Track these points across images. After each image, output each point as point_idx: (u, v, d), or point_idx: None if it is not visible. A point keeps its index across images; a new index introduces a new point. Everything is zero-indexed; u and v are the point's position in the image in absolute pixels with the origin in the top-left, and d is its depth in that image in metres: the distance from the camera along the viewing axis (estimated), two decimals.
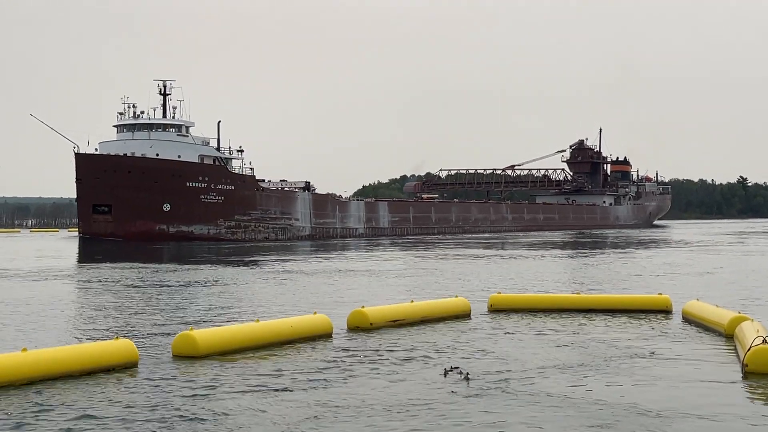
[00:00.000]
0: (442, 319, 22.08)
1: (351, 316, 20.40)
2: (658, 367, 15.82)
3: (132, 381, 14.32)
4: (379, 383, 14.18)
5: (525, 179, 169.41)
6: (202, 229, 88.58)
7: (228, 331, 17.29)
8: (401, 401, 12.79)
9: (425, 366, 15.67)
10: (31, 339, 18.95)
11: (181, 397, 13.13)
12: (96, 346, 15.31)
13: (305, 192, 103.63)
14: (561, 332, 20.24)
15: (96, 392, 13.39)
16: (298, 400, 12.90)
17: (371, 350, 17.44)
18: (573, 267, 47.88)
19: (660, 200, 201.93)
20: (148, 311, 24.80)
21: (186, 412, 12.21)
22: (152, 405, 12.55)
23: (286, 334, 17.91)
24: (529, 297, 25.33)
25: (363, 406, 12.48)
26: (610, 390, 13.69)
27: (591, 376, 14.83)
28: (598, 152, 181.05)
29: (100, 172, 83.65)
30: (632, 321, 22.28)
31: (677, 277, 38.27)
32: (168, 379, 14.45)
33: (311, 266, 46.14)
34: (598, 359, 16.53)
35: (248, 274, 40.23)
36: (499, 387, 13.82)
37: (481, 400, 12.91)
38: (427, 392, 13.41)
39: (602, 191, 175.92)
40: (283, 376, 14.77)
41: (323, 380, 14.38)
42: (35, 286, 33.35)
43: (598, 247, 74.10)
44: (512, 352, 17.32)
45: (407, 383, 14.13)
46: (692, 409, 12.42)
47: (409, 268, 44.61)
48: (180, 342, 16.37)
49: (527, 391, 13.53)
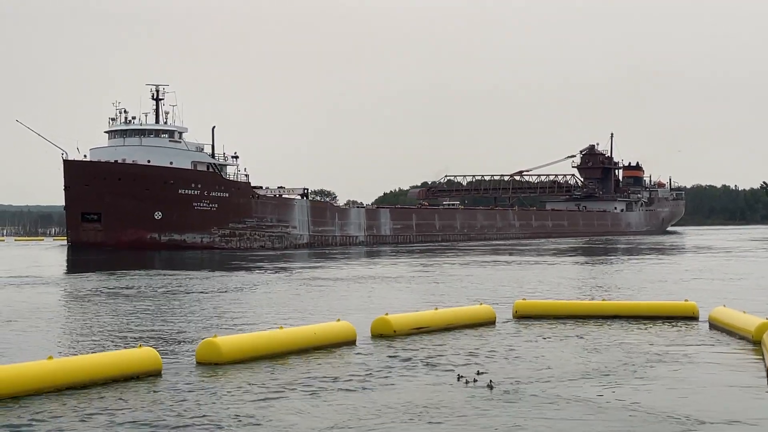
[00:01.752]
0: (466, 326, 22.74)
1: (374, 324, 21.07)
2: (686, 373, 16.43)
3: (158, 389, 14.89)
4: (402, 390, 14.76)
5: (534, 185, 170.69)
6: (195, 237, 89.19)
7: (251, 338, 17.91)
8: (424, 408, 13.34)
9: (448, 373, 16.26)
10: (55, 346, 19.72)
11: (208, 404, 13.68)
12: (120, 354, 15.91)
13: (303, 199, 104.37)
14: (588, 339, 20.85)
15: (122, 400, 13.95)
16: (324, 408, 13.47)
17: (394, 357, 18.05)
18: (594, 273, 48.79)
19: (673, 206, 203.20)
20: (165, 319, 25.62)
21: (213, 419, 12.77)
22: (179, 413, 13.09)
23: (310, 341, 18.54)
24: (554, 303, 26.03)
25: (386, 413, 13.04)
26: (639, 396, 14.24)
27: (619, 383, 15.40)
28: (609, 157, 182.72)
29: (89, 179, 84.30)
30: (659, 327, 22.92)
31: (701, 283, 39.09)
32: (193, 386, 15.02)
33: (328, 273, 47.28)
34: (626, 366, 17.13)
35: (263, 281, 41.07)
36: (524, 394, 14.36)
37: (506, 408, 13.42)
38: (450, 399, 13.95)
39: (613, 197, 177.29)
40: (308, 383, 15.35)
41: (348, 387, 14.97)
42: (48, 293, 33.92)
43: (615, 254, 74.89)
44: (538, 359, 17.93)
45: (430, 390, 14.70)
46: (721, 415, 12.95)
47: (424, 276, 45.32)
48: (204, 349, 16.98)
49: (553, 398, 14.07)
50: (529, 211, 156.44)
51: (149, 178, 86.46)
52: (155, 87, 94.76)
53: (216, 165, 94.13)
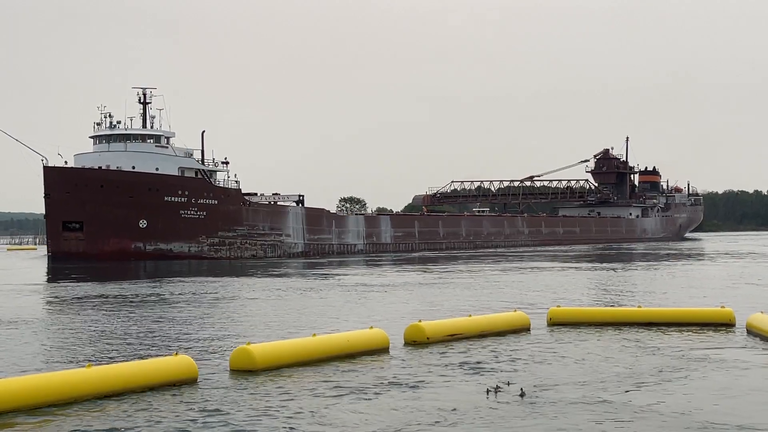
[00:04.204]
0: (500, 333, 23.79)
1: (408, 330, 22.12)
2: (726, 379, 17.39)
3: (196, 396, 15.80)
4: (434, 397, 15.70)
5: (545, 191, 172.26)
6: (182, 246, 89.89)
7: (285, 345, 18.91)
8: (455, 415, 14.25)
9: (481, 380, 17.22)
10: (91, 354, 20.82)
11: (248, 413, 14.55)
12: (157, 362, 16.85)
13: (298, 206, 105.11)
14: (624, 346, 21.87)
15: (161, 408, 14.84)
16: (358, 415, 14.38)
17: (427, 365, 18.98)
18: (623, 280, 50.30)
19: (691, 212, 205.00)
20: (194, 326, 27.15)
21: (253, 427, 13.64)
22: (218, 421, 13.97)
23: (343, 348, 19.55)
24: (589, 311, 27.13)
25: (417, 420, 13.93)
26: (678, 403, 15.13)
27: (656, 390, 16.34)
28: (624, 162, 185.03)
29: (70, 186, 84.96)
30: (696, 334, 23.96)
31: (735, 289, 40.51)
32: (231, 395, 15.92)
33: (351, 280, 49.03)
34: (664, 372, 18.10)
35: (284, 288, 42.47)
36: (557, 402, 15.21)
37: (536, 415, 14.24)
38: (480, 406, 14.82)
39: (628, 203, 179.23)
40: (342, 390, 16.31)
41: (380, 394, 15.93)
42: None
43: (639, 260, 76.10)
44: (573, 366, 18.90)
45: (461, 397, 15.62)
46: (764, 421, 13.83)
47: (446, 283, 46.35)
48: (237, 356, 17.96)
49: (588, 405, 14.92)
50: (539, 217, 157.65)
51: (133, 184, 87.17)
52: (142, 90, 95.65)
53: (205, 171, 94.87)
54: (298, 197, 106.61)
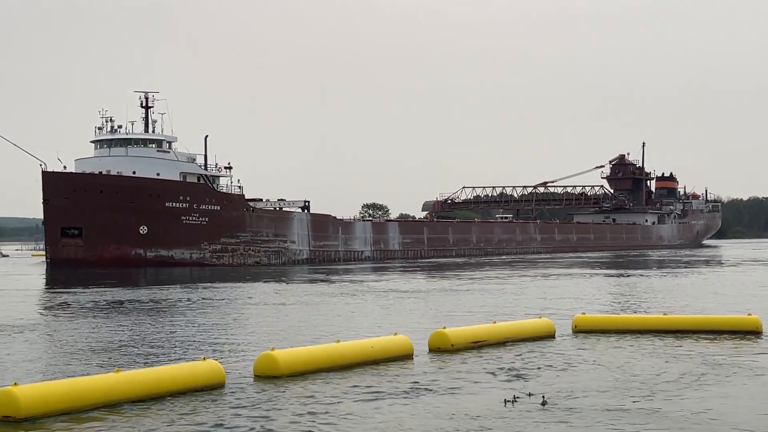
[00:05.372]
0: (525, 340, 24.30)
1: (432, 337, 22.67)
2: (753, 387, 17.80)
3: (225, 401, 16.32)
4: (458, 404, 16.14)
5: (559, 197, 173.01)
6: (183, 253, 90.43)
7: (308, 352, 19.48)
8: (478, 422, 14.67)
9: (505, 387, 17.68)
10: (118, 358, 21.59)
11: (279, 419, 15.05)
12: (185, 367, 17.41)
13: (303, 212, 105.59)
14: (650, 353, 22.35)
15: (192, 413, 15.37)
16: (382, 422, 14.84)
17: (450, 372, 19.47)
18: (644, 287, 50.94)
19: (709, 219, 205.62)
20: (214, 332, 28.06)
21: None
22: (252, 427, 14.45)
23: (367, 354, 20.11)
24: (614, 318, 27.68)
25: (440, 427, 14.34)
26: (704, 412, 15.46)
27: (684, 398, 16.72)
28: (640, 168, 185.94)
29: (69, 191, 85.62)
30: (722, 342, 24.43)
31: (761, 296, 41.10)
32: (258, 401, 16.44)
33: (371, 286, 49.78)
34: (691, 381, 18.51)
35: (304, 293, 42.97)
36: (579, 410, 15.56)
37: (553, 424, 14.61)
38: (504, 415, 15.23)
39: (644, 209, 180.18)
40: (366, 397, 16.81)
41: (405, 401, 16.42)
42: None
43: (657, 267, 76.45)
44: (599, 374, 19.34)
45: (486, 404, 16.03)
46: None
47: (465, 290, 46.95)
48: (261, 362, 18.53)
49: (612, 413, 15.27)
50: (552, 224, 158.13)
51: (133, 190, 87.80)
52: (144, 94, 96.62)
53: (207, 176, 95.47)
54: (304, 203, 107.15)
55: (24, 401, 14.52)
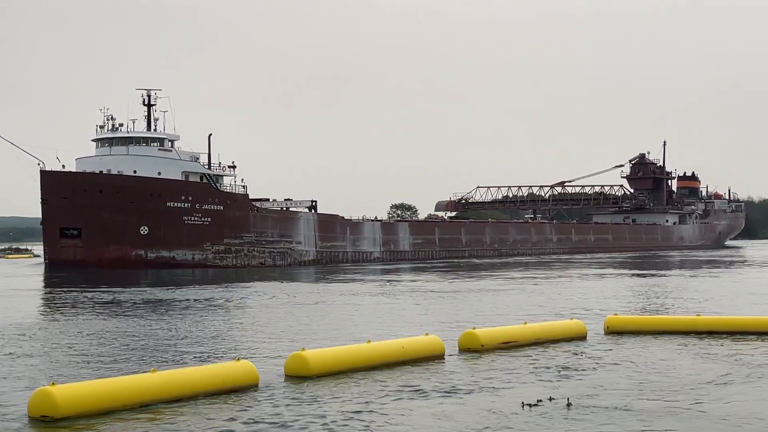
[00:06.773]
0: (556, 341, 24.94)
1: (462, 338, 23.39)
2: None
3: (261, 402, 16.95)
4: (487, 404, 16.77)
5: (577, 197, 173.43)
6: (185, 254, 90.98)
7: (339, 352, 20.17)
8: (506, 422, 15.28)
9: (535, 388, 18.27)
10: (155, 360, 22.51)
11: (313, 420, 15.64)
12: (220, 368, 18.10)
13: (309, 212, 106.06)
14: (685, 355, 22.95)
15: (230, 414, 15.99)
16: (412, 422, 15.45)
17: (480, 372, 20.13)
18: (673, 286, 52.14)
19: (732, 219, 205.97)
20: (242, 331, 29.13)
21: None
22: (289, 427, 15.10)
23: (398, 354, 20.78)
24: (647, 319, 28.34)
25: (469, 428, 14.94)
26: (740, 413, 16.00)
27: (719, 399, 17.26)
28: (661, 167, 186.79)
29: (68, 191, 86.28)
30: (759, 343, 24.95)
31: None
32: (295, 400, 17.10)
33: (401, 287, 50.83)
34: (727, 382, 19.04)
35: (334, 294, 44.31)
36: (606, 413, 16.06)
37: (574, 426, 15.15)
38: (532, 415, 15.79)
39: (665, 209, 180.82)
40: (397, 397, 17.48)
41: (435, 401, 17.06)
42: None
43: (679, 267, 77.20)
44: (632, 375, 19.87)
45: (513, 406, 16.59)
46: None
47: (491, 290, 47.73)
48: (292, 362, 19.24)
49: (636, 414, 15.77)
50: (569, 224, 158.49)
51: (134, 189, 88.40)
52: (146, 92, 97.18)
53: (210, 176, 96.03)
54: (311, 203, 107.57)
55: (62, 401, 15.16)
